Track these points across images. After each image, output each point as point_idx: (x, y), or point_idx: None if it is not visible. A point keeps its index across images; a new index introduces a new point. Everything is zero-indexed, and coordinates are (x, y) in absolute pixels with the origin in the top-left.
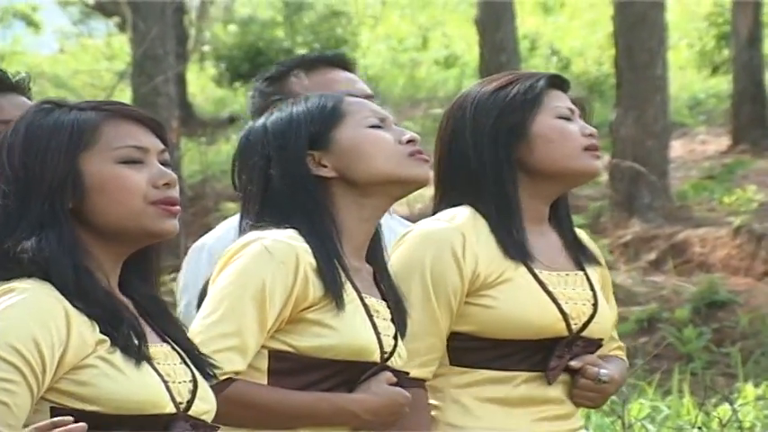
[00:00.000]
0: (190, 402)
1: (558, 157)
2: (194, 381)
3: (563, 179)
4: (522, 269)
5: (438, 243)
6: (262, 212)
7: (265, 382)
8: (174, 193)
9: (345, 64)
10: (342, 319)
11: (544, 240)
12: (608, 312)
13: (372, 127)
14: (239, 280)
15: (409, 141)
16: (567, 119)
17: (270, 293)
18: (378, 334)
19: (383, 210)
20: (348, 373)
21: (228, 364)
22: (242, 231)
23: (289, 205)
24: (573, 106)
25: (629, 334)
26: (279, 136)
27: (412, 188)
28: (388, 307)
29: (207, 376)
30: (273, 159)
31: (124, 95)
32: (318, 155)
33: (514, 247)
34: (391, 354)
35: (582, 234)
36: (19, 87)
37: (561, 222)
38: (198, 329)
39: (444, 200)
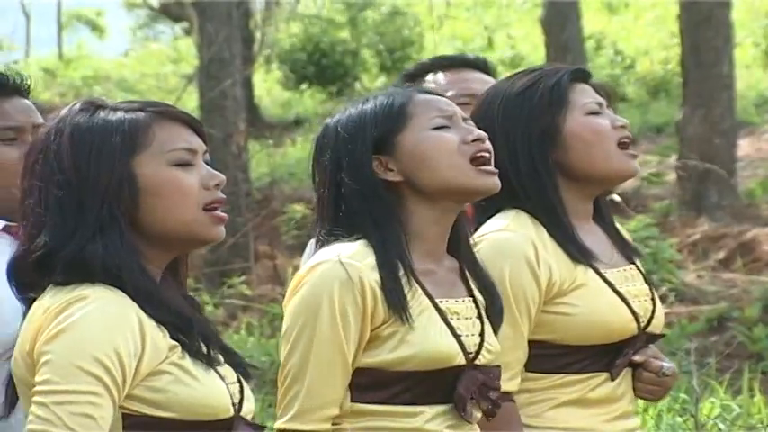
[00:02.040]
0: (240, 403)
1: (595, 159)
2: (240, 381)
3: (600, 181)
4: (591, 272)
5: (514, 255)
6: (335, 219)
7: (348, 397)
8: (222, 194)
9: (485, 67)
10: (415, 330)
11: (594, 238)
12: (661, 306)
13: (438, 128)
14: (309, 310)
15: (475, 141)
16: (597, 113)
17: (342, 314)
18: (458, 337)
19: (454, 211)
20: (430, 381)
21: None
22: (317, 241)
23: (358, 211)
24: (600, 98)
25: (700, 333)
26: (348, 139)
27: (477, 197)
28: (475, 302)
29: (246, 377)
30: (342, 163)
31: (191, 99)
32: (385, 159)
33: (578, 251)
34: (477, 352)
35: (622, 230)
36: (21, 90)
37: (604, 219)
38: (283, 373)
39: (488, 205)
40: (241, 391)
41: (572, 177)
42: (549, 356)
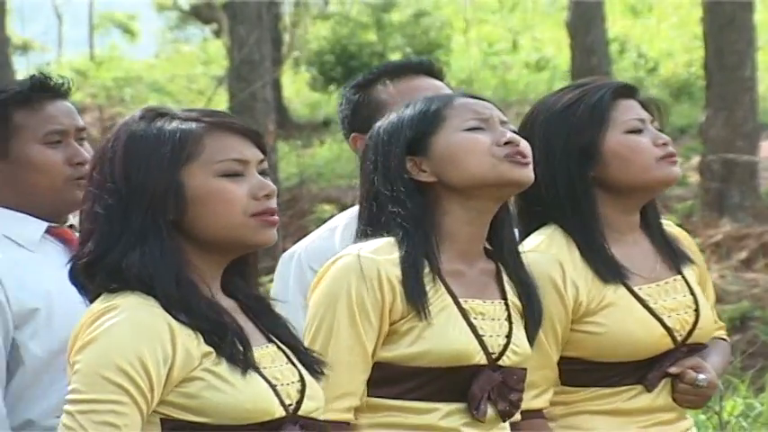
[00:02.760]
0: (299, 402)
1: (633, 174)
2: (302, 380)
3: (643, 191)
4: (622, 290)
5: (540, 277)
6: (370, 217)
7: (365, 392)
8: (273, 203)
9: (432, 71)
10: (432, 327)
11: (638, 249)
12: (710, 314)
13: (472, 129)
14: (329, 302)
15: (508, 143)
16: (639, 131)
17: (360, 307)
18: (479, 336)
19: (489, 212)
20: (446, 379)
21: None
22: (356, 235)
23: (390, 210)
24: (644, 114)
25: None
26: (385, 141)
27: (510, 190)
28: (507, 305)
29: (315, 374)
30: (378, 164)
31: (221, 100)
32: (418, 160)
33: (608, 269)
34: (502, 353)
35: (674, 231)
36: (63, 93)
37: (651, 228)
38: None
39: (530, 218)
40: (302, 391)
41: (613, 191)
42: (582, 371)
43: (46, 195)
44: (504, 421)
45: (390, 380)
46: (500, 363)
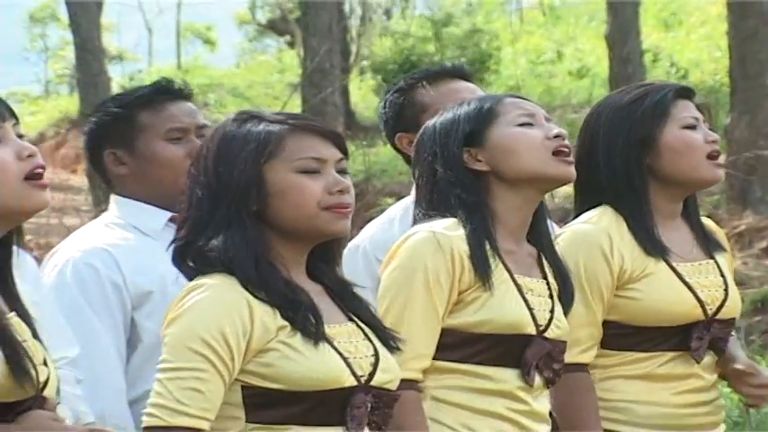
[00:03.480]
0: (372, 374)
1: (684, 167)
2: (376, 354)
3: (690, 185)
4: (662, 264)
5: (589, 244)
6: (430, 202)
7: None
8: (348, 198)
9: (465, 75)
10: (494, 297)
11: (678, 234)
12: (737, 295)
13: (522, 125)
14: (405, 274)
15: (556, 137)
16: (693, 127)
17: (435, 277)
18: (531, 309)
19: (535, 200)
20: (502, 346)
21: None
22: (414, 219)
23: (450, 196)
24: (698, 114)
25: (745, 314)
26: (443, 134)
27: (556, 185)
28: (548, 285)
29: (391, 349)
30: (438, 155)
31: (295, 105)
32: (474, 151)
33: (653, 245)
34: (547, 326)
35: (709, 224)
36: (186, 94)
37: (691, 217)
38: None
39: (585, 200)
40: (375, 364)
41: (663, 181)
42: (620, 335)
43: (169, 187)
44: (548, 388)
45: (454, 345)
46: (546, 335)
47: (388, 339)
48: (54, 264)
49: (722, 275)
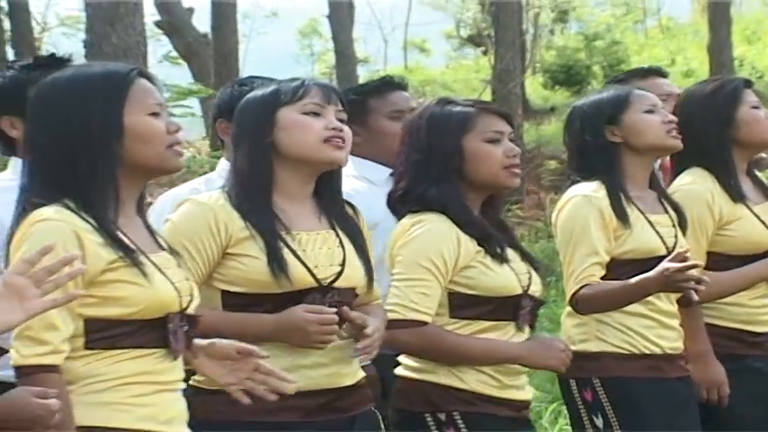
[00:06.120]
0: (528, 286)
1: (754, 135)
2: (530, 272)
3: (759, 148)
4: (745, 209)
5: (699, 200)
6: (579, 166)
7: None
8: (517, 160)
9: (661, 73)
10: (633, 233)
11: (748, 185)
12: None
13: (647, 111)
14: (579, 216)
15: (670, 121)
16: (757, 107)
17: (600, 219)
18: (661, 237)
19: (652, 162)
20: (647, 266)
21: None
22: (567, 179)
23: (593, 161)
24: (756, 99)
25: None
26: (590, 114)
27: (669, 152)
28: (669, 216)
29: (537, 268)
30: (586, 129)
31: (487, 95)
32: (613, 128)
33: (738, 195)
34: (673, 248)
35: (758, 174)
36: (402, 86)
37: (752, 172)
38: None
39: (682, 161)
40: (529, 279)
41: (740, 146)
42: (720, 261)
43: (390, 151)
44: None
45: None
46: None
47: (534, 262)
48: None
49: None
